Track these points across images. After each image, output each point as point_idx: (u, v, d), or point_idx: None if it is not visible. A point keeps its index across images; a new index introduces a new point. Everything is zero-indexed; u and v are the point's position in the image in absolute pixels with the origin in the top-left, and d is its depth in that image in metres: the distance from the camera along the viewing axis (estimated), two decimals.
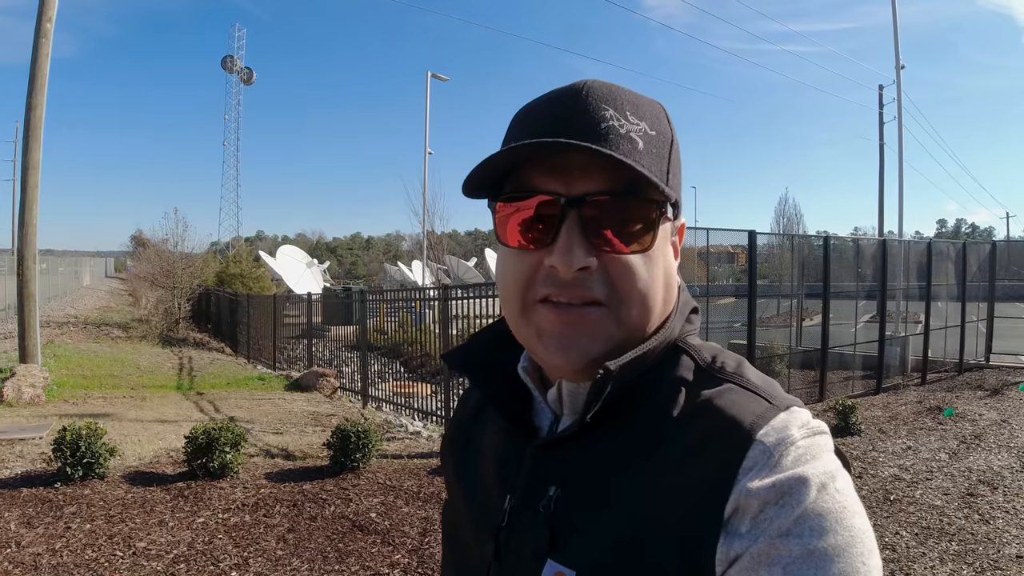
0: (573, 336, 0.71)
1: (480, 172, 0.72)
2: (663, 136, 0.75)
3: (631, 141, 0.71)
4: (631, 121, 0.72)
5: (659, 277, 0.74)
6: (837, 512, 0.61)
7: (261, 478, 6.21)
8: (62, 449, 5.72)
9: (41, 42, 11.20)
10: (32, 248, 11.46)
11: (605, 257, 0.71)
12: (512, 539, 0.77)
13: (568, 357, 0.72)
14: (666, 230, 0.75)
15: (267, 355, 16.91)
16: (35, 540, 4.61)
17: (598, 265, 0.70)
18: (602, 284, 0.71)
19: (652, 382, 0.75)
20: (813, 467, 0.63)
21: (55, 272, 30.78)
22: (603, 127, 0.70)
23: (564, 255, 0.69)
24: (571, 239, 0.69)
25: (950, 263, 14.52)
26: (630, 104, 0.74)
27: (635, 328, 0.73)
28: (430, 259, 32.58)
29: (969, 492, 6.09)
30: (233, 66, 75.64)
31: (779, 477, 0.62)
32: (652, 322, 0.75)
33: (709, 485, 0.64)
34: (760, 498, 0.61)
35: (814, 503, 0.60)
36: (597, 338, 0.71)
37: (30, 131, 11.26)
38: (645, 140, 0.72)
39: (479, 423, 0.94)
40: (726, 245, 13.21)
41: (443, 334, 9.56)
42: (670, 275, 0.77)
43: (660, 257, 0.74)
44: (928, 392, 11.68)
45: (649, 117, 0.74)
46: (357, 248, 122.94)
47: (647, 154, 0.71)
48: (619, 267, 0.71)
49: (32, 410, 9.44)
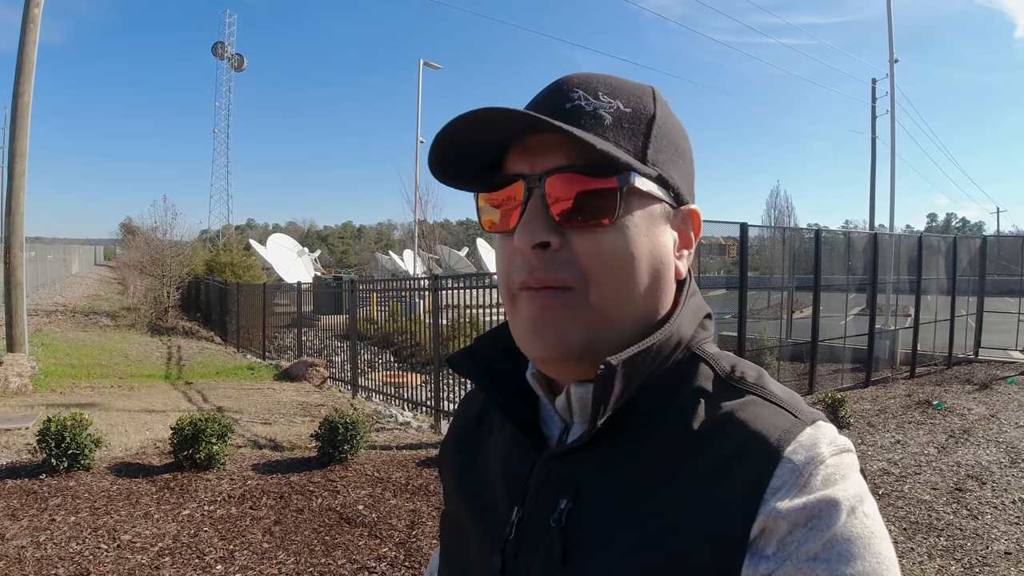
0: (547, 321, 0.69)
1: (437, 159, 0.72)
2: (640, 112, 0.72)
3: (596, 117, 0.69)
4: (601, 100, 0.71)
5: (639, 258, 0.69)
6: (866, 537, 0.59)
7: (248, 469, 6.17)
8: (47, 440, 5.67)
9: (28, 28, 11.05)
10: (19, 236, 11.36)
11: (571, 236, 0.68)
12: (520, 553, 0.73)
13: (543, 344, 0.69)
14: (652, 211, 0.71)
15: (257, 344, 16.87)
16: (19, 532, 4.56)
17: (563, 244, 0.68)
18: (567, 265, 0.68)
19: (668, 392, 0.71)
20: (843, 489, 0.61)
21: (44, 260, 30.50)
22: (568, 107, 0.70)
23: (523, 231, 0.68)
24: (532, 215, 0.69)
25: (941, 257, 14.57)
26: (605, 86, 0.72)
27: (611, 313, 0.69)
28: (422, 248, 32.53)
29: (958, 487, 6.11)
30: (224, 52, 74.95)
31: (809, 499, 0.60)
32: (635, 309, 0.71)
33: (735, 504, 0.61)
34: (789, 520, 0.59)
35: (843, 527, 0.59)
36: (570, 324, 0.68)
37: (17, 119, 11.14)
38: (615, 116, 0.70)
39: (484, 429, 0.90)
40: (717, 237, 13.16)
41: (434, 324, 9.53)
42: (659, 261, 0.72)
43: (640, 237, 0.70)
44: (917, 386, 11.74)
45: (625, 96, 0.72)
46: (348, 237, 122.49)
47: (614, 128, 0.70)
48: (585, 244, 0.68)
49: (19, 400, 9.37)
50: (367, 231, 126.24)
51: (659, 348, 0.71)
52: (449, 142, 0.70)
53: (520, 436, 0.79)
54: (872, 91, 25.80)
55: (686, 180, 0.77)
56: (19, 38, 11.11)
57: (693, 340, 0.75)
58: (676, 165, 0.75)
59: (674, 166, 0.74)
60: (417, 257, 30.02)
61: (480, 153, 0.72)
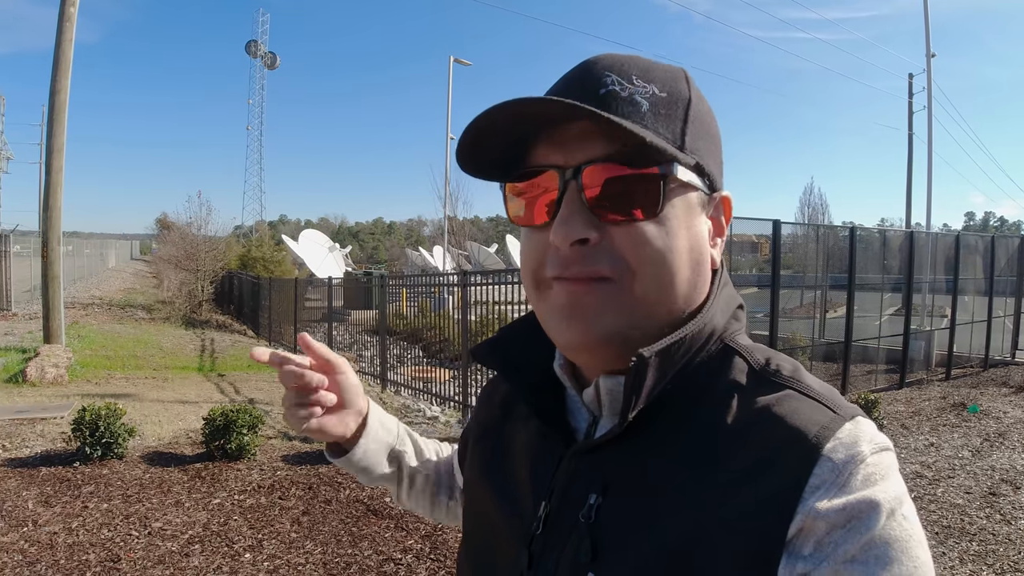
0: (580, 308, 0.67)
1: (467, 147, 0.69)
2: (676, 97, 0.69)
3: (633, 103, 0.66)
4: (636, 84, 0.67)
5: (680, 250, 0.67)
6: (904, 541, 0.58)
7: (278, 460, 6.24)
8: (81, 429, 5.78)
9: (65, 26, 11.28)
10: (56, 230, 11.59)
11: (611, 229, 0.66)
12: (548, 549, 0.72)
13: (574, 330, 0.67)
14: (689, 200, 0.69)
15: (288, 338, 17.01)
16: (52, 519, 4.66)
17: (602, 237, 0.66)
18: (609, 258, 0.66)
19: (701, 385, 0.69)
20: (883, 490, 0.59)
21: (81, 254, 31.15)
22: (602, 92, 0.66)
23: (560, 228, 0.65)
24: (570, 210, 0.66)
25: (978, 257, 14.27)
26: (638, 70, 0.69)
27: (655, 305, 0.67)
28: (451, 244, 32.60)
29: (991, 491, 5.98)
30: (257, 51, 75.72)
31: (849, 499, 0.58)
32: (677, 300, 0.69)
33: (772, 502, 0.59)
34: (828, 520, 0.58)
35: (882, 530, 0.58)
36: (606, 311, 0.66)
37: (54, 115, 11.37)
38: (652, 101, 0.67)
39: (509, 420, 0.89)
40: (750, 234, 12.99)
41: (463, 320, 9.54)
42: (699, 251, 0.71)
43: (680, 228, 0.68)
44: (952, 388, 11.50)
45: (660, 80, 0.69)
46: (379, 233, 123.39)
47: (652, 115, 0.67)
48: (626, 237, 0.66)
49: (55, 390, 9.56)
50: (397, 227, 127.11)
51: (692, 339, 0.69)
52: (479, 133, 0.68)
53: (546, 429, 0.78)
54: (909, 86, 25.35)
55: (719, 166, 0.75)
56: (55, 36, 11.34)
57: (726, 332, 0.73)
58: (710, 152, 0.72)
59: (709, 153, 0.72)
60: (447, 253, 30.09)
61: (509, 143, 0.70)
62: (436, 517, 1.16)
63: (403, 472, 1.08)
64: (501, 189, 0.75)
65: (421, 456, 1.11)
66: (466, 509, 0.93)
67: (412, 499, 1.12)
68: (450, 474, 1.14)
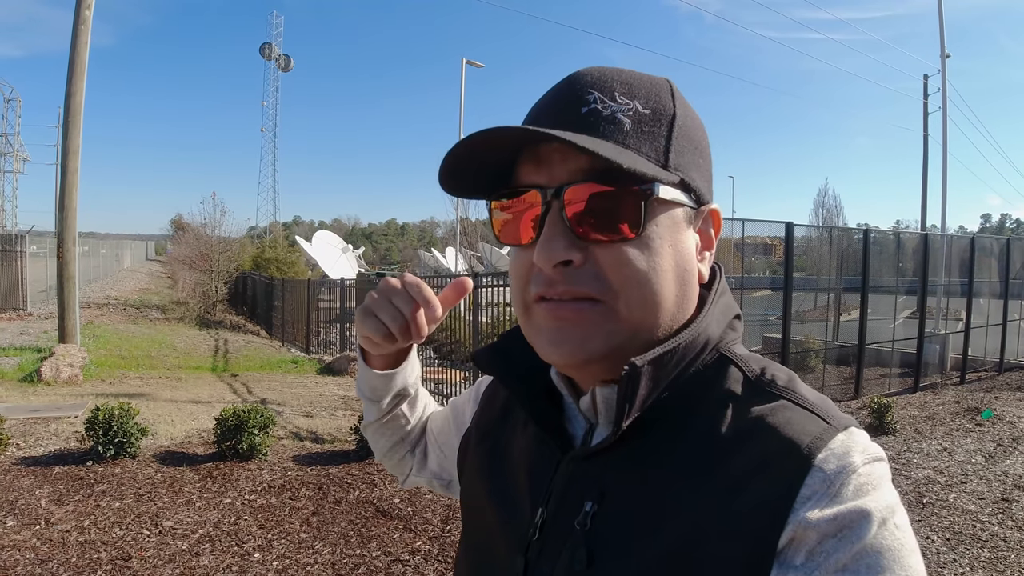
0: (566, 331, 0.67)
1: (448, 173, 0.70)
2: (660, 113, 0.69)
3: (614, 122, 0.66)
4: (618, 102, 0.67)
5: (664, 268, 0.67)
6: (896, 550, 0.58)
7: (288, 460, 6.27)
8: (95, 428, 5.83)
9: (80, 29, 11.37)
10: (72, 231, 11.69)
11: (594, 249, 0.66)
12: (544, 555, 0.73)
13: (561, 352, 0.68)
14: (675, 216, 0.69)
15: (301, 339, 17.11)
16: (64, 517, 4.70)
17: (586, 258, 0.66)
18: (593, 278, 0.66)
19: (696, 394, 0.70)
20: (875, 499, 0.60)
21: (96, 254, 31.34)
22: (584, 111, 0.67)
23: (543, 249, 0.66)
24: (553, 232, 0.66)
25: (993, 259, 14.17)
26: (622, 85, 0.69)
27: (641, 323, 0.67)
28: (463, 246, 32.64)
29: (1004, 497, 5.92)
30: (271, 53, 76.24)
31: (840, 509, 0.59)
32: (663, 318, 0.69)
33: (764, 512, 0.60)
34: (819, 530, 0.58)
35: (874, 539, 0.58)
36: (594, 334, 0.67)
37: (70, 117, 11.47)
38: (635, 119, 0.67)
39: (507, 424, 0.89)
40: (763, 236, 12.95)
41: (474, 321, 9.55)
42: (684, 267, 0.70)
43: (664, 246, 0.68)
44: (967, 392, 11.41)
45: (643, 95, 0.69)
46: (392, 234, 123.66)
47: (635, 134, 0.67)
48: (609, 257, 0.66)
49: (69, 389, 9.65)
50: (410, 229, 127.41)
51: (685, 349, 0.69)
52: (458, 160, 0.68)
53: (544, 436, 0.78)
54: (924, 87, 25.10)
55: (706, 179, 0.74)
56: (71, 39, 11.43)
57: (721, 341, 0.73)
58: (697, 166, 0.72)
59: (695, 167, 0.72)
60: (459, 254, 30.14)
61: (490, 166, 0.71)
62: (389, 461, 1.17)
63: (402, 406, 1.10)
64: (487, 206, 0.75)
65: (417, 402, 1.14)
66: (464, 505, 0.94)
67: (381, 433, 1.13)
68: (422, 430, 1.16)
